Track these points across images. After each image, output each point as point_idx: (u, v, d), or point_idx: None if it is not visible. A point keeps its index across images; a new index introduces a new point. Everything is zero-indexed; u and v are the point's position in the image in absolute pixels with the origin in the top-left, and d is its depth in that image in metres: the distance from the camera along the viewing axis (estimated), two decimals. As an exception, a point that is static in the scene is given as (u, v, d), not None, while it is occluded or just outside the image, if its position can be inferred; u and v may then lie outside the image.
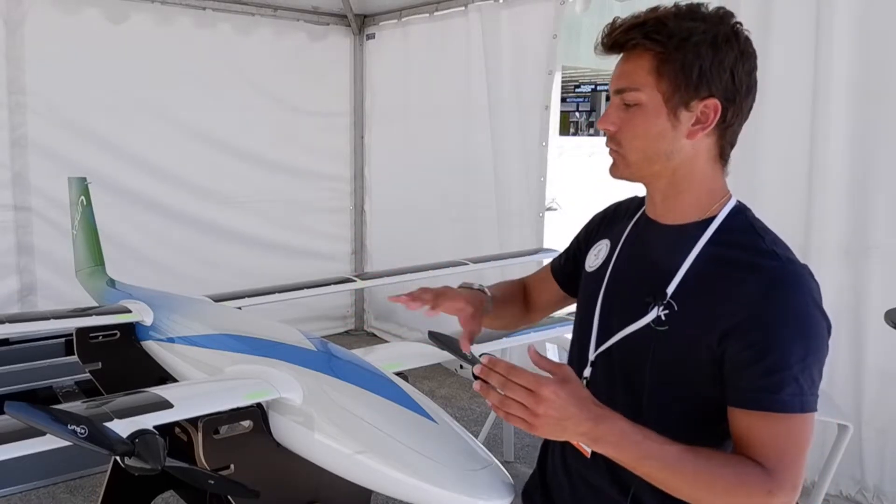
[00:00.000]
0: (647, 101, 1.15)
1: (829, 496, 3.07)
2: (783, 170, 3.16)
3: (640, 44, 1.13)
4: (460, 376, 4.75)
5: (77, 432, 1.57)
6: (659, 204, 1.25)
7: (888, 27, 2.85)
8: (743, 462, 1.09)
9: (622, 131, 1.18)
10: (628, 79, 1.16)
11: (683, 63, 1.12)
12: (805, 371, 1.08)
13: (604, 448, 1.06)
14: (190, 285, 3.78)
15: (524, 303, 1.62)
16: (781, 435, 1.08)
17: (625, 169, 1.21)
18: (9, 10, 4.25)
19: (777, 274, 1.11)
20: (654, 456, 1.06)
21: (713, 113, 1.15)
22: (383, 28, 5.47)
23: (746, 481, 1.07)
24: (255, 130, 5.20)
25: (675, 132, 1.16)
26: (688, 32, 1.12)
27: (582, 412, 1.03)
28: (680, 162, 1.18)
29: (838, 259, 3.02)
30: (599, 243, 1.38)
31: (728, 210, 1.21)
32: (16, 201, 4.40)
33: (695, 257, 1.17)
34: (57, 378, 3.70)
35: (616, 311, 1.25)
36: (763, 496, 1.07)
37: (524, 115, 4.36)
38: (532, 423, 1.02)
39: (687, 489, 1.09)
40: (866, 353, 3.02)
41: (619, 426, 1.05)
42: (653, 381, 1.17)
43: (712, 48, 1.12)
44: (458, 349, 2.24)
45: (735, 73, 1.14)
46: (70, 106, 4.47)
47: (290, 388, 1.96)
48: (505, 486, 1.60)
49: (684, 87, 1.13)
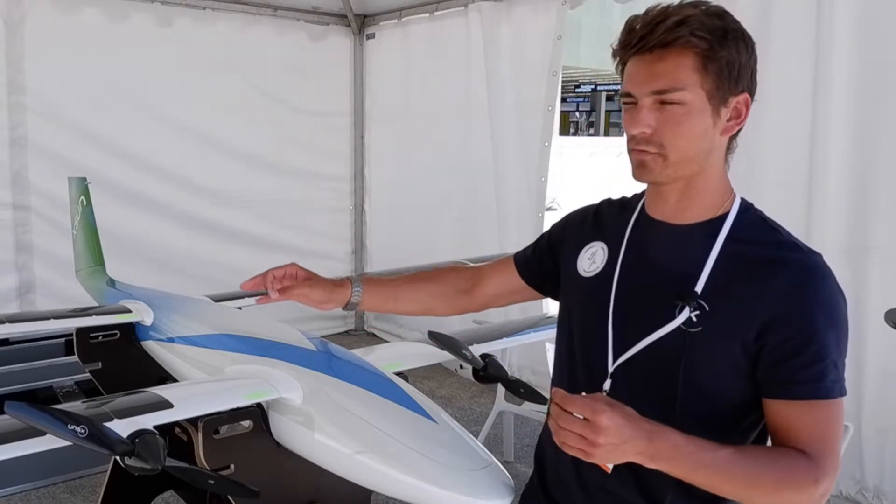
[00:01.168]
0: (692, 100, 1.13)
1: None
2: (783, 169, 3.16)
3: (689, 41, 1.10)
4: (460, 376, 4.75)
5: (77, 432, 1.57)
6: (674, 204, 1.23)
7: (888, 27, 2.85)
8: (788, 455, 1.11)
9: (662, 132, 1.14)
10: (670, 78, 1.12)
11: (728, 59, 1.12)
12: (840, 356, 1.12)
13: (659, 464, 1.06)
14: (190, 285, 3.78)
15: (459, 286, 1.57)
16: (823, 421, 1.11)
17: (662, 170, 1.17)
18: (9, 10, 4.25)
19: (804, 266, 1.14)
20: (707, 465, 1.07)
21: (745, 108, 1.17)
22: (383, 28, 5.47)
23: (794, 475, 1.09)
24: (255, 130, 5.19)
25: (715, 129, 1.16)
26: (724, 30, 1.12)
27: (637, 433, 1.03)
28: (712, 160, 1.19)
29: (838, 259, 3.01)
30: (592, 245, 1.33)
31: (737, 207, 1.21)
32: (15, 200, 4.40)
33: (717, 255, 1.16)
34: (57, 378, 3.70)
35: (634, 318, 1.21)
36: (811, 485, 1.09)
37: (525, 116, 4.35)
38: (591, 453, 1.02)
39: (741, 491, 1.10)
40: (866, 353, 3.01)
41: (671, 440, 1.06)
42: (686, 383, 1.15)
43: (745, 44, 1.15)
44: (459, 349, 2.24)
45: (754, 69, 1.17)
46: (70, 105, 4.47)
47: (291, 388, 1.95)
48: (505, 486, 1.60)
49: (726, 84, 1.13)
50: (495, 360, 2.30)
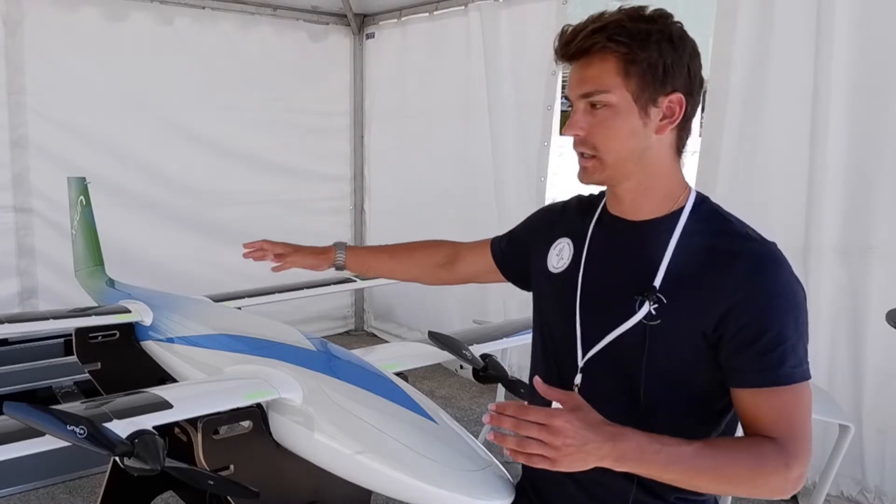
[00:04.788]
0: (617, 102, 1.18)
1: (830, 497, 3.07)
2: (783, 170, 3.15)
3: (606, 46, 1.16)
4: (460, 376, 4.75)
5: (76, 433, 1.57)
6: (628, 202, 1.28)
7: (888, 27, 2.84)
8: (757, 443, 1.12)
9: (594, 134, 1.21)
10: (596, 82, 1.19)
11: (649, 61, 1.16)
12: (799, 340, 1.14)
13: (626, 465, 1.07)
14: (189, 285, 3.77)
15: (437, 260, 1.74)
16: (788, 406, 1.12)
17: (601, 172, 1.24)
18: (8, 10, 4.23)
19: (758, 255, 1.16)
20: (675, 461, 1.08)
21: (679, 107, 1.19)
22: (383, 27, 5.47)
23: (764, 462, 1.10)
24: (255, 130, 5.19)
25: (646, 129, 1.20)
26: (646, 32, 1.16)
27: (598, 435, 1.04)
28: (650, 158, 1.22)
29: (838, 259, 3.02)
30: (559, 242, 1.39)
31: (692, 201, 1.25)
32: (16, 203, 4.38)
33: (674, 249, 1.20)
34: (56, 378, 3.68)
35: (599, 314, 1.26)
36: (783, 470, 1.10)
37: (525, 115, 4.35)
38: (554, 458, 1.02)
39: (713, 484, 1.12)
40: (866, 353, 3.01)
41: (636, 441, 1.06)
42: (649, 374, 1.18)
43: (671, 45, 1.17)
44: (459, 349, 2.24)
45: (691, 68, 1.19)
46: (69, 105, 4.45)
47: (290, 388, 1.95)
48: (505, 486, 1.60)
49: (651, 85, 1.17)
50: (495, 360, 2.30)
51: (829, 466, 2.59)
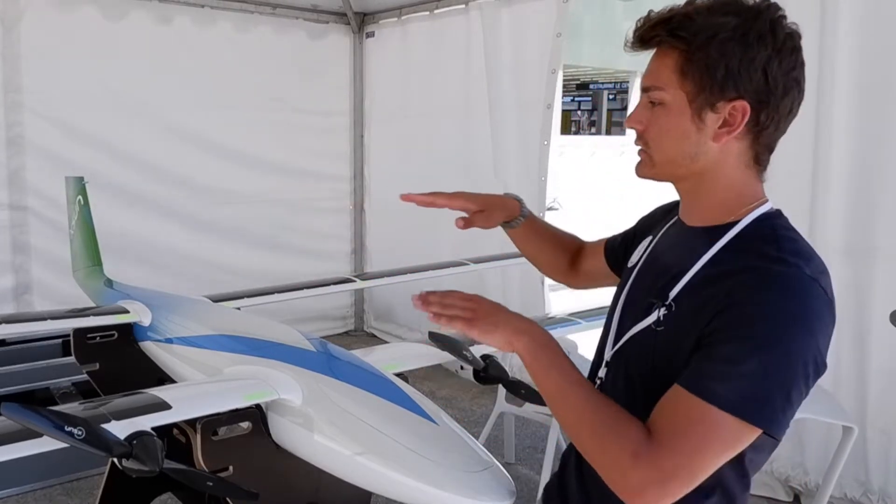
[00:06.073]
0: (670, 101, 1.12)
1: (834, 499, 3.05)
2: (786, 169, 3.14)
3: (665, 41, 1.10)
4: (460, 377, 4.74)
5: (74, 434, 1.56)
6: (685, 204, 1.24)
7: (892, 27, 2.83)
8: (633, 420, 1.05)
9: (648, 130, 1.16)
10: (654, 77, 1.13)
11: (707, 62, 1.07)
12: (757, 380, 0.98)
13: (527, 344, 1.11)
14: (189, 285, 3.77)
15: (569, 257, 1.63)
16: (685, 416, 1.00)
17: (650, 169, 1.19)
18: (5, 8, 4.23)
19: (768, 273, 1.04)
20: (558, 370, 1.10)
21: (741, 115, 1.09)
22: (383, 26, 5.46)
23: (623, 432, 1.03)
24: (254, 129, 5.18)
25: (700, 134, 1.11)
26: (715, 29, 1.06)
27: (512, 313, 1.15)
28: (705, 165, 1.14)
29: (842, 259, 3.00)
30: (646, 240, 1.36)
31: (755, 216, 1.15)
32: (11, 200, 4.38)
33: (706, 261, 1.12)
34: (54, 379, 3.67)
35: (631, 311, 1.24)
36: (629, 456, 1.00)
37: (525, 114, 4.34)
38: (471, 318, 1.13)
39: (571, 417, 1.09)
40: (870, 354, 3.00)
41: (546, 334, 1.13)
42: (651, 377, 1.15)
43: (741, 45, 1.06)
44: (459, 350, 2.22)
45: (768, 72, 1.08)
46: (67, 104, 4.45)
47: (290, 389, 1.94)
48: (505, 487, 1.59)
49: (709, 88, 1.08)
50: (496, 360, 2.29)
51: (833, 468, 2.58)
